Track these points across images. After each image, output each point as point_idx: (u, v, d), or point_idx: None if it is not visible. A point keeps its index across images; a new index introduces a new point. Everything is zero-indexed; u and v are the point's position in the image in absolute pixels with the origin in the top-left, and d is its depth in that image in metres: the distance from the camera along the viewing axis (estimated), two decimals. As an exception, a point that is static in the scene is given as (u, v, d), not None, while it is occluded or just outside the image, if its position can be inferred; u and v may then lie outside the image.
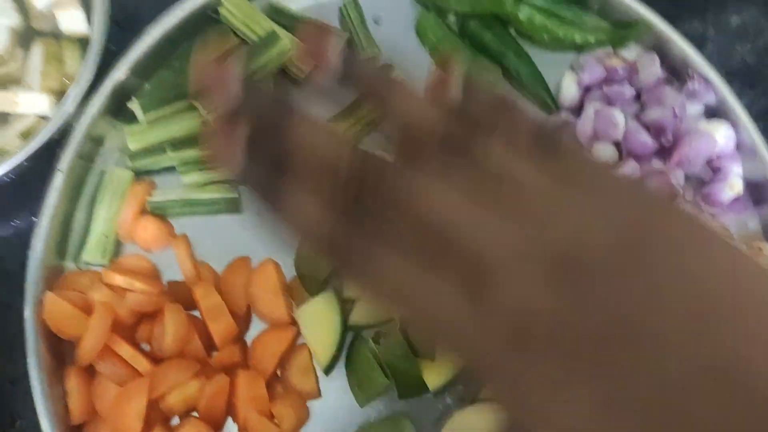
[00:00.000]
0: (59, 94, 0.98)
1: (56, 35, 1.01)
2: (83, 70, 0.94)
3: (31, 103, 0.95)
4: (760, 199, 1.05)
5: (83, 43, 1.01)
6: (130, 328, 0.95)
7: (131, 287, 0.93)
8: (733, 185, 1.00)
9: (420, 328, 0.63)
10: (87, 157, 1.03)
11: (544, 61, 1.12)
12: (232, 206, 1.03)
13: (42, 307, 0.93)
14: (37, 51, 0.98)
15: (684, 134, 1.01)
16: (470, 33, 1.11)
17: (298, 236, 0.53)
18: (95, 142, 1.03)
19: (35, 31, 1.01)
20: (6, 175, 0.93)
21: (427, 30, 1.12)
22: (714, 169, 1.04)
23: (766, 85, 1.18)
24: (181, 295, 0.98)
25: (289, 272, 1.02)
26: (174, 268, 1.02)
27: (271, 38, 1.02)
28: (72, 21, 1.00)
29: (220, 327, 0.94)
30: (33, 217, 1.03)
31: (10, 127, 0.96)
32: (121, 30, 1.11)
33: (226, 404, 0.93)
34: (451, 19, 1.13)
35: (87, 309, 0.93)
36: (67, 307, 0.91)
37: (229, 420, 0.95)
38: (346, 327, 0.98)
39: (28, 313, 0.93)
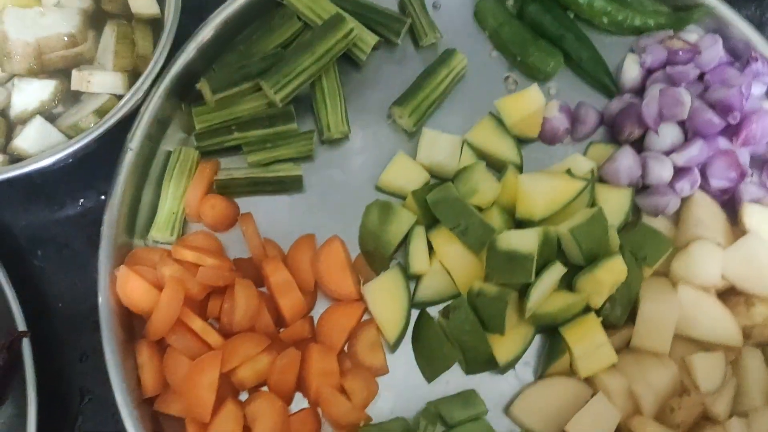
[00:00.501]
0: (132, 74, 1.00)
1: (127, 17, 1.02)
2: (157, 50, 0.96)
3: (105, 82, 0.97)
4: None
5: (153, 24, 1.03)
6: (201, 303, 0.95)
7: (202, 262, 0.94)
8: (800, 163, 1.00)
9: None
10: (154, 139, 1.04)
11: (603, 44, 1.12)
12: (296, 185, 1.04)
13: (115, 282, 0.93)
14: (110, 32, 1.00)
15: (749, 113, 1.01)
16: (529, 17, 1.12)
17: None
18: (161, 124, 1.05)
19: (106, 14, 1.03)
20: (76, 153, 0.93)
21: (487, 14, 1.13)
22: (778, 148, 1.04)
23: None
24: (248, 273, 0.98)
25: (354, 250, 1.02)
26: (239, 246, 1.03)
27: (336, 21, 1.03)
28: (142, 3, 1.02)
29: (290, 302, 0.95)
30: (101, 197, 1.05)
31: (84, 105, 0.98)
32: (184, 15, 1.13)
33: (296, 378, 0.93)
34: (510, 3, 1.14)
35: (158, 284, 0.93)
36: (139, 282, 0.92)
37: (297, 395, 0.96)
38: (411, 303, 0.99)
39: (101, 287, 0.94)
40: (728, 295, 0.97)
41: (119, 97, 0.97)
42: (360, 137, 1.09)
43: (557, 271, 0.91)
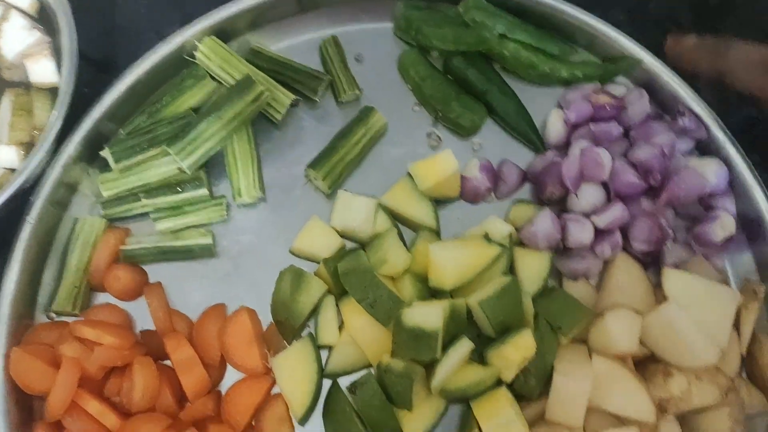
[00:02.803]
0: (28, 146, 0.97)
1: (26, 85, 0.99)
2: (52, 121, 0.92)
3: (-1, 156, 0.94)
4: (755, 236, 1.01)
5: (54, 92, 0.99)
6: (100, 382, 0.92)
7: (100, 341, 0.90)
8: (725, 225, 0.95)
9: None
10: (60, 204, 1.01)
11: (531, 96, 1.08)
12: (207, 252, 1.01)
13: (9, 363, 0.90)
14: (6, 103, 0.96)
15: (673, 173, 0.97)
16: (454, 71, 1.08)
17: None
18: (69, 188, 1.02)
19: (5, 82, 1.00)
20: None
21: (409, 67, 1.09)
22: (706, 206, 0.99)
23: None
24: (155, 345, 0.95)
25: (266, 318, 0.99)
26: (149, 315, 0.99)
27: (245, 84, 0.99)
28: (42, 72, 0.99)
29: (192, 380, 0.92)
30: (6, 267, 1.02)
31: (-23, 180, 0.95)
32: (98, 72, 1.10)
33: (196, 460, 0.90)
34: (435, 55, 1.11)
35: (56, 363, 0.90)
36: (34, 363, 0.89)
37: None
38: (322, 375, 0.95)
39: (-4, 367, 0.91)
40: (647, 362, 0.93)
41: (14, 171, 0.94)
42: (276, 199, 1.05)
43: (464, 348, 0.88)
